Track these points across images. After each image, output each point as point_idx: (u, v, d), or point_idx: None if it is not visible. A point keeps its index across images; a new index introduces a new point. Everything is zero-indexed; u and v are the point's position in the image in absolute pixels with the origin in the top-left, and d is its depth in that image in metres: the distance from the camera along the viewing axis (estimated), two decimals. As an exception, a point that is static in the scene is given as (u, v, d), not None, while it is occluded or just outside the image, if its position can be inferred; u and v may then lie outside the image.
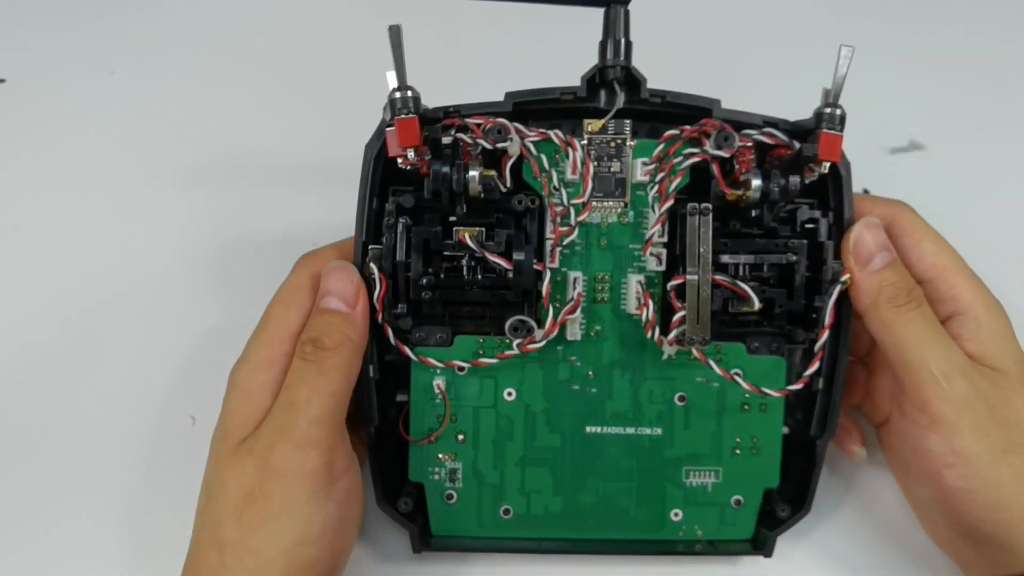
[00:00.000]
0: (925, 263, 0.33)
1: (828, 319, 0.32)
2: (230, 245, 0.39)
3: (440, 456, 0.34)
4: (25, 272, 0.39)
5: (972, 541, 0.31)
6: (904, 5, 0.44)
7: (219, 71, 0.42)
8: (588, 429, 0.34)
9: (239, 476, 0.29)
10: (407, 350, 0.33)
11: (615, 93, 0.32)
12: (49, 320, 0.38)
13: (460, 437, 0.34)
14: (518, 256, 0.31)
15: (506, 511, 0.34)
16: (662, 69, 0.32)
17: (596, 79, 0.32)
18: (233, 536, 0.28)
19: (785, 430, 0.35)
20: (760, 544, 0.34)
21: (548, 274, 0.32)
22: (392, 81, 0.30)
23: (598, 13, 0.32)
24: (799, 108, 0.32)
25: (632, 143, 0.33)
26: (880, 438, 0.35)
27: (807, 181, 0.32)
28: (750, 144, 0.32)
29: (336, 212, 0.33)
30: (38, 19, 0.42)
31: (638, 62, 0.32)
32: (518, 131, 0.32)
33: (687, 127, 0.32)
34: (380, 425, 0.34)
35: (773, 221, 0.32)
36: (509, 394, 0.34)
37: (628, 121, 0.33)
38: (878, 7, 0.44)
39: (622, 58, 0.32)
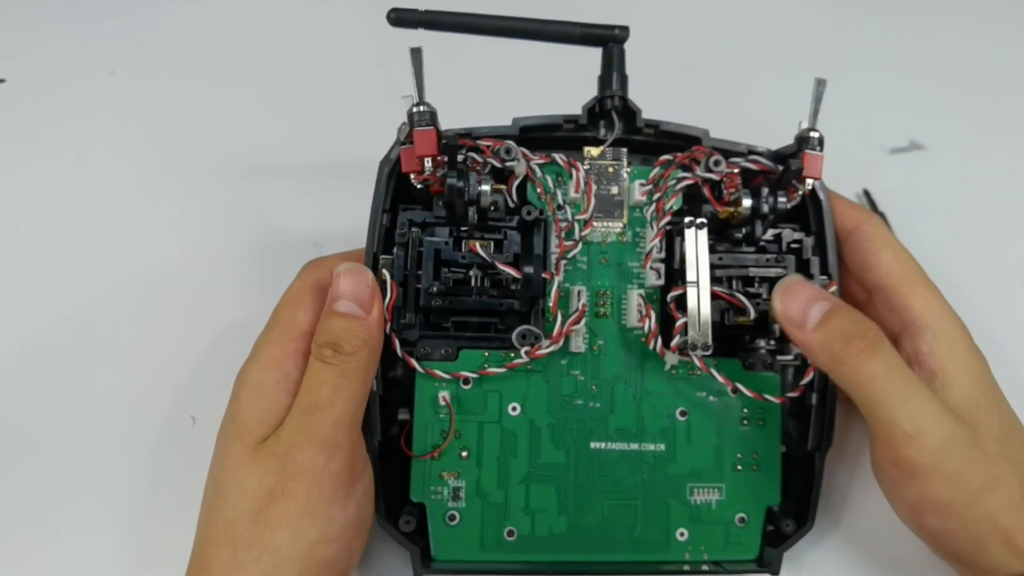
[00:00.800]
0: (880, 271, 0.33)
1: (819, 330, 0.34)
2: (231, 246, 0.39)
3: (443, 474, 0.33)
4: (25, 272, 0.39)
5: (959, 563, 0.31)
6: (904, 6, 0.45)
7: (220, 72, 0.43)
8: (592, 445, 0.34)
9: (260, 476, 0.29)
10: (413, 362, 0.33)
11: (612, 122, 0.35)
12: (49, 320, 0.38)
13: (464, 454, 0.34)
14: (527, 268, 0.33)
15: (510, 532, 0.33)
16: (660, 84, 0.35)
17: (596, 109, 0.35)
18: (249, 535, 0.28)
19: (782, 449, 0.35)
20: (766, 562, 0.34)
21: (556, 281, 0.33)
22: (412, 98, 0.32)
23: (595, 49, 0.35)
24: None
25: (628, 168, 0.36)
26: None
27: (790, 204, 0.34)
28: (736, 170, 0.35)
29: (338, 214, 0.34)
30: (38, 19, 0.42)
31: (633, 85, 0.35)
32: (523, 155, 0.34)
33: (679, 154, 0.35)
34: (382, 442, 0.33)
35: (763, 236, 0.34)
36: (513, 408, 0.34)
37: (624, 149, 0.36)
38: (878, 8, 0.45)
39: (619, 90, 0.35)
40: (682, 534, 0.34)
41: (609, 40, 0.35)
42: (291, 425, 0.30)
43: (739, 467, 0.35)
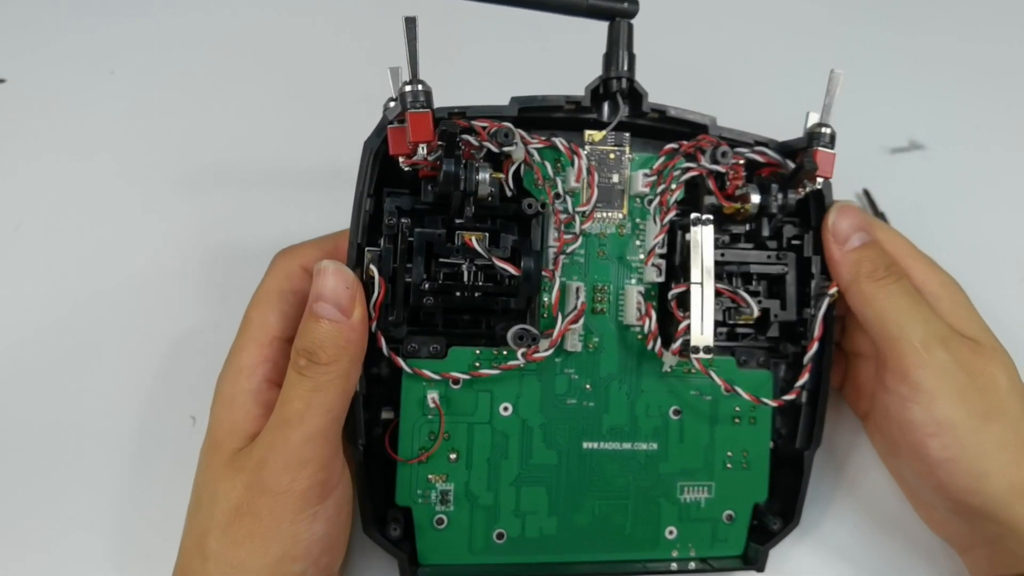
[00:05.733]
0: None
1: (817, 331, 0.33)
2: (231, 245, 0.38)
3: (430, 477, 0.32)
4: (25, 272, 0.37)
5: (962, 516, 0.32)
6: (905, 7, 0.45)
7: (219, 72, 0.41)
8: (585, 445, 0.33)
9: (228, 490, 0.28)
10: (401, 362, 0.31)
11: (617, 105, 0.33)
12: (49, 320, 0.37)
13: (452, 456, 0.32)
14: (526, 262, 0.30)
15: (499, 535, 0.32)
16: (662, 76, 0.33)
17: (600, 90, 0.33)
18: (217, 548, 0.27)
19: (770, 445, 0.35)
20: (752, 559, 0.34)
21: (559, 281, 0.31)
22: (405, 74, 0.29)
23: (602, 24, 0.32)
24: (800, 111, 0.33)
25: (631, 156, 0.34)
26: (867, 430, 0.36)
27: (796, 200, 0.33)
28: (742, 161, 0.33)
29: (337, 214, 0.32)
30: (38, 19, 0.40)
31: (639, 68, 0.32)
32: (522, 138, 0.31)
33: (684, 142, 0.33)
34: (366, 444, 0.31)
35: (769, 235, 0.33)
36: (505, 409, 0.32)
37: (627, 134, 0.33)
38: (879, 9, 0.45)
39: (625, 70, 0.32)
40: (671, 532, 0.34)
41: (617, 14, 0.32)
42: (262, 441, 0.28)
43: (729, 465, 0.34)
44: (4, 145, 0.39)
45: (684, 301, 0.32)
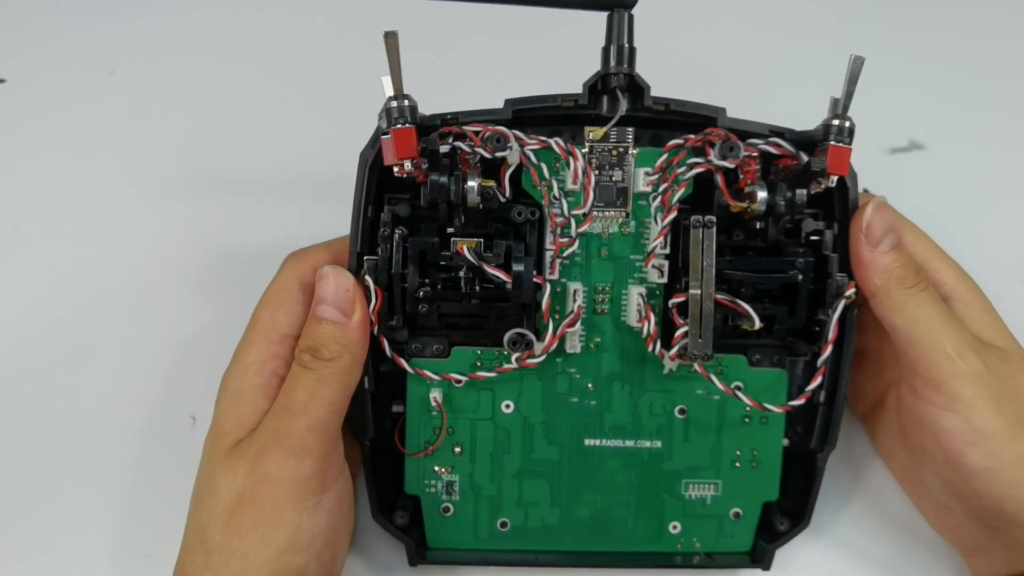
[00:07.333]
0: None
1: (832, 334, 0.32)
2: (231, 245, 0.39)
3: (437, 469, 0.34)
4: (25, 272, 0.38)
5: (987, 523, 0.31)
6: (905, 6, 0.44)
7: (219, 72, 0.41)
8: (587, 442, 0.34)
9: (230, 479, 0.29)
10: (403, 363, 0.32)
11: (618, 100, 0.31)
12: (49, 320, 0.38)
13: (457, 449, 0.34)
14: (517, 268, 0.31)
15: (503, 524, 0.34)
16: (664, 72, 0.31)
17: (598, 86, 0.31)
18: (219, 540, 0.28)
19: (785, 442, 0.34)
20: (758, 557, 0.34)
21: (548, 287, 0.31)
22: (388, 89, 0.29)
23: (600, 17, 0.31)
24: (800, 110, 0.31)
25: (634, 151, 0.32)
26: (869, 429, 0.35)
27: (813, 192, 0.31)
28: (755, 154, 0.31)
29: (338, 214, 0.33)
30: (38, 19, 0.41)
31: (641, 65, 0.31)
32: (518, 139, 0.31)
33: (691, 136, 0.31)
34: (376, 437, 0.33)
35: (779, 235, 0.32)
36: (507, 406, 0.33)
37: (631, 129, 0.32)
38: (879, 8, 0.44)
39: (625, 65, 0.31)
40: (675, 527, 0.34)
41: (615, 5, 0.30)
42: (264, 428, 0.30)
43: (738, 464, 0.34)
44: (4, 145, 0.39)
45: (684, 308, 0.31)
